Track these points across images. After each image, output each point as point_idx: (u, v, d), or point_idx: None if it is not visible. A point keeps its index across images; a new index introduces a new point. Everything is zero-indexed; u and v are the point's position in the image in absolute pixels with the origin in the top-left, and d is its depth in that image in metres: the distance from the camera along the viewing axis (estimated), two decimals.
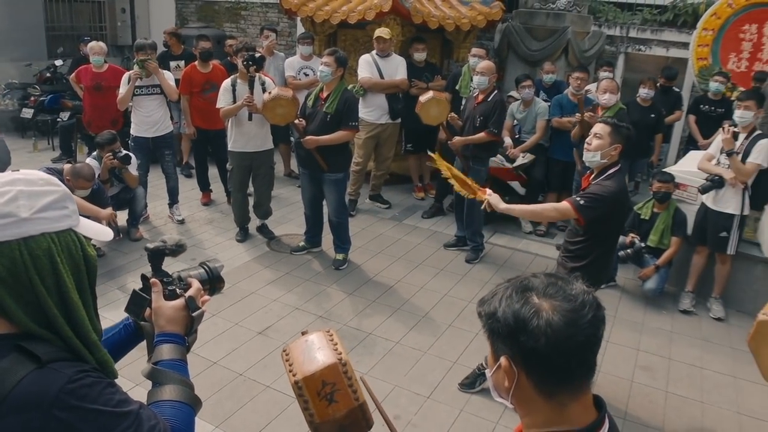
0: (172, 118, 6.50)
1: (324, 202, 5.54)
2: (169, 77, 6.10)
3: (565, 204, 3.45)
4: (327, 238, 5.70)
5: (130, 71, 5.93)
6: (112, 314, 3.31)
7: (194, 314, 1.49)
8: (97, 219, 5.10)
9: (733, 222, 4.80)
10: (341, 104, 5.07)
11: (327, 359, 1.40)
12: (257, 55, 5.56)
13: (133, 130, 6.13)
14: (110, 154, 5.37)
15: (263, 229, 6.09)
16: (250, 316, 4.57)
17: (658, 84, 6.93)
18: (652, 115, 6.64)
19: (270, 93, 5.21)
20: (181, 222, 6.28)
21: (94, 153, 5.58)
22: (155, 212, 6.49)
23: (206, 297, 1.58)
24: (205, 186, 6.94)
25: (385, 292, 5.07)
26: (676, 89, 7.65)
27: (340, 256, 5.50)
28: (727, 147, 4.69)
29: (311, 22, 7.35)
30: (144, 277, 1.53)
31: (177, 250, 1.56)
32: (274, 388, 3.72)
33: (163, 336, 1.45)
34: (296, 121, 5.19)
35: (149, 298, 1.50)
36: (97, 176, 5.25)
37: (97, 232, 1.35)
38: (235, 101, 5.43)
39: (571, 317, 1.07)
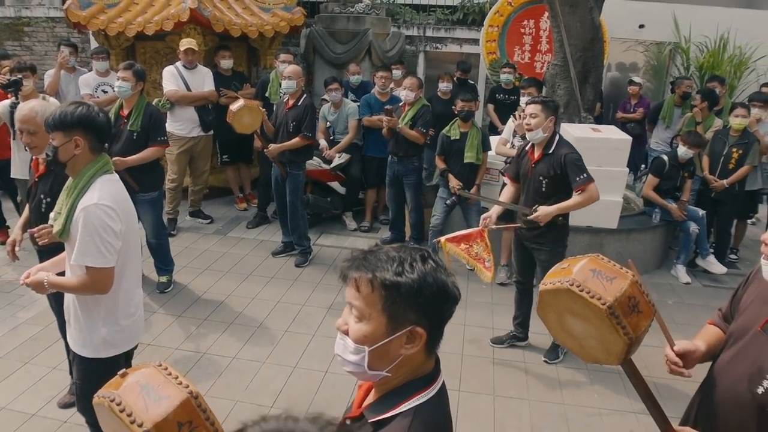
0: None
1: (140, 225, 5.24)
2: None
3: (588, 186, 3.77)
4: (148, 262, 5.42)
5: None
6: None
7: None
8: None
9: None
10: (146, 119, 4.84)
11: (176, 397, 1.24)
12: (15, 78, 5.15)
13: None
14: None
15: None
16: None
17: (455, 78, 7.47)
18: (452, 107, 7.13)
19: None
20: None
21: None
22: None
23: None
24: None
25: (216, 309, 4.93)
26: (471, 81, 8.29)
27: (163, 279, 5.26)
28: (521, 132, 5.17)
29: (104, 35, 6.89)
30: None
31: None
32: None
33: None
34: None
35: None
36: None
37: None
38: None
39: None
